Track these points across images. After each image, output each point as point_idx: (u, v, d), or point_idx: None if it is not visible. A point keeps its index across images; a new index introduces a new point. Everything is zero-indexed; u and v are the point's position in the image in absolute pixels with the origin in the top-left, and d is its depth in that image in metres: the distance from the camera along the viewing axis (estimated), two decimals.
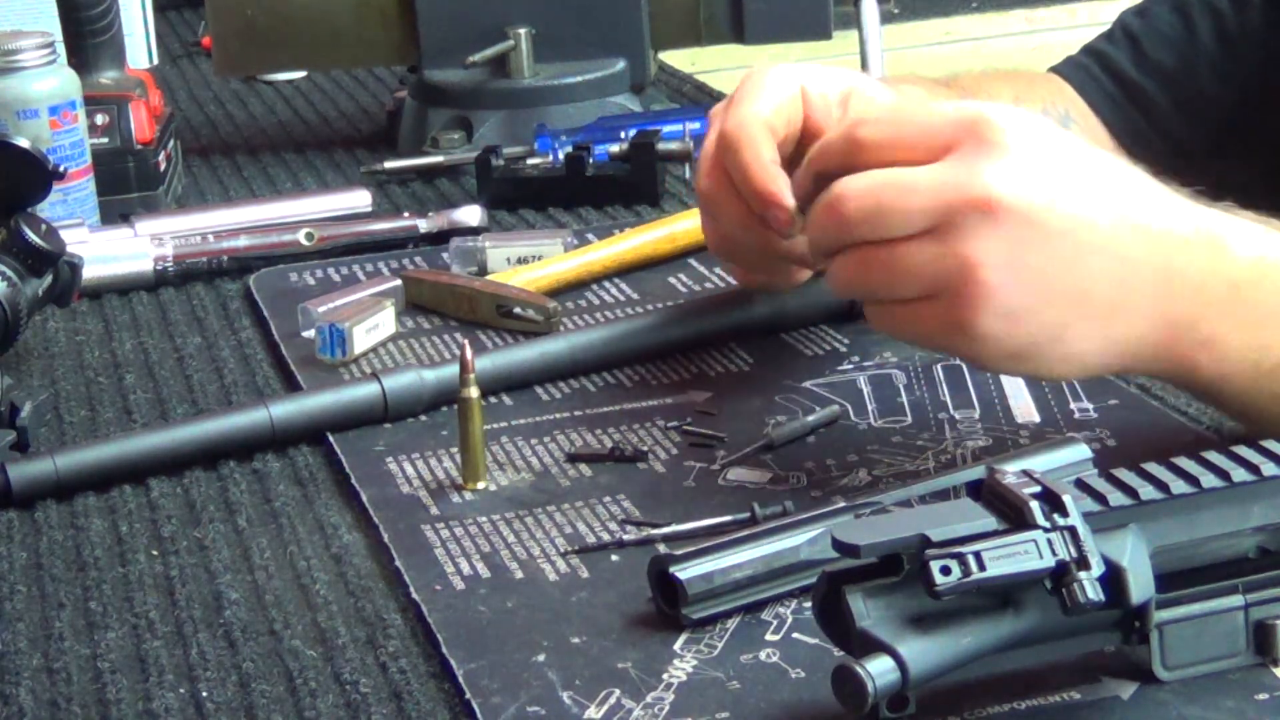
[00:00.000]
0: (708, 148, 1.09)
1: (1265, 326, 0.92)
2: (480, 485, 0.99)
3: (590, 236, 1.37)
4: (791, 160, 1.03)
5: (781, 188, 1.01)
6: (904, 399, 1.07)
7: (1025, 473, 0.73)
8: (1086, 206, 0.89)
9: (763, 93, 1.06)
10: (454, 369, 1.01)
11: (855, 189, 0.90)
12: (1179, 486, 0.74)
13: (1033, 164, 0.88)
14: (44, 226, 1.19)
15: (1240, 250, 0.92)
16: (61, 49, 1.49)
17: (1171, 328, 0.90)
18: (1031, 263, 0.87)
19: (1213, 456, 0.76)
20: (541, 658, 0.81)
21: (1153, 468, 0.75)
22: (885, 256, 0.89)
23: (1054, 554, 0.70)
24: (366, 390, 1.07)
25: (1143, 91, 1.42)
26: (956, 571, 0.69)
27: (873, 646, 0.70)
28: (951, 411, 1.05)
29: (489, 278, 1.28)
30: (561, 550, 0.91)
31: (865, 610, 0.71)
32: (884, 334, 0.96)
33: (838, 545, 0.71)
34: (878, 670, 0.69)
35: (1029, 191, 0.87)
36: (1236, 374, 0.92)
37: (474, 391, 0.98)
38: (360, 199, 1.48)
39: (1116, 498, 0.73)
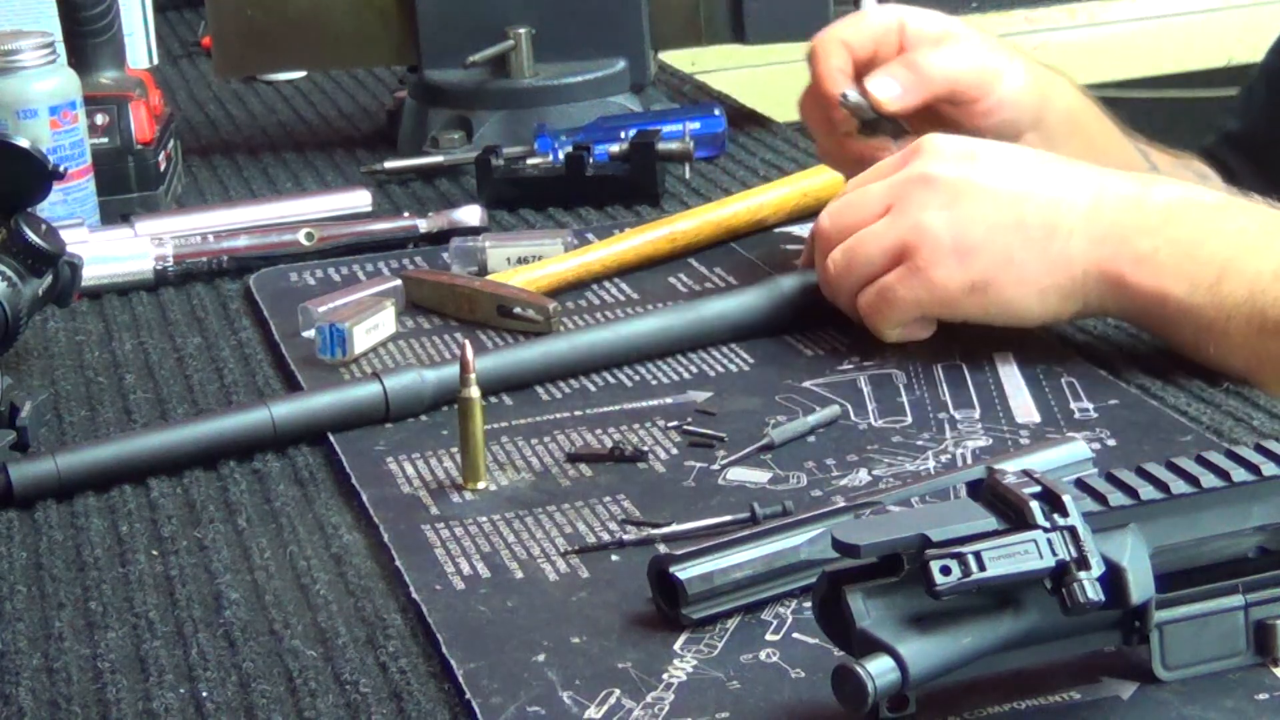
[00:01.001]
0: None
1: (1197, 245, 1.05)
2: (480, 485, 0.99)
3: (590, 236, 1.37)
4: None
5: (838, 86, 1.25)
6: (904, 399, 1.07)
7: (1025, 473, 0.73)
8: (1016, 159, 1.11)
9: (851, 20, 1.29)
10: (454, 369, 1.01)
11: (832, 206, 1.15)
12: (1179, 486, 0.74)
13: (962, 148, 1.11)
14: (44, 226, 1.19)
15: (1164, 187, 1.09)
16: (61, 49, 1.49)
17: (1104, 243, 1.06)
18: (970, 209, 1.08)
19: (1213, 456, 0.76)
20: (541, 658, 0.81)
21: (1153, 468, 0.75)
22: (852, 243, 1.11)
23: (1054, 554, 0.70)
24: (368, 390, 1.07)
25: None
26: (956, 571, 0.69)
27: (873, 646, 0.70)
28: (951, 411, 1.05)
29: (489, 278, 1.28)
30: (561, 550, 0.91)
31: (865, 610, 0.71)
32: (877, 326, 1.12)
33: (838, 545, 0.71)
34: (878, 670, 0.69)
35: (961, 162, 1.10)
36: (1174, 288, 1.05)
37: (474, 391, 0.98)
38: (360, 199, 1.48)
39: (1116, 498, 0.73)
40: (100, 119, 1.49)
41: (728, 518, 0.92)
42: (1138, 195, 1.07)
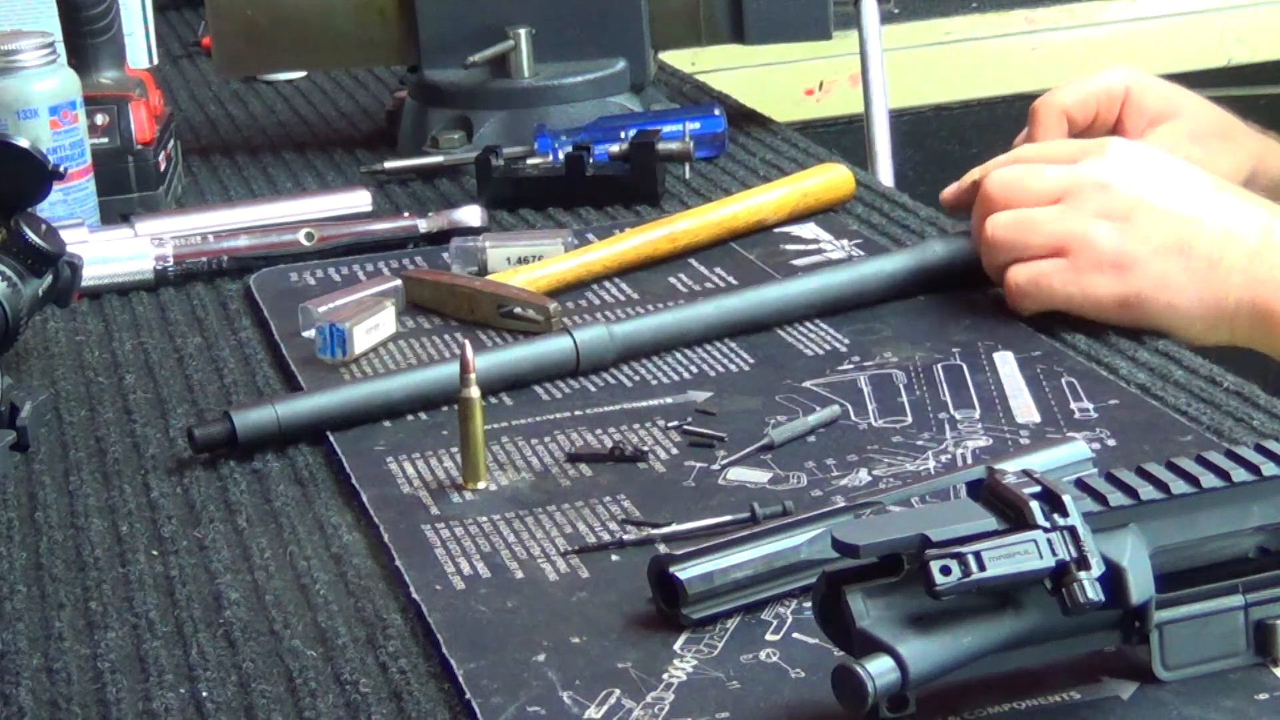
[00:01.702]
0: None
1: None
2: (480, 485, 0.99)
3: (590, 236, 1.37)
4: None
5: None
6: (904, 399, 1.07)
7: (1025, 473, 0.73)
8: (1192, 183, 1.13)
9: (1078, 83, 1.32)
10: (637, 324, 1.15)
11: (1008, 169, 1.17)
12: (1179, 486, 0.74)
13: (1143, 161, 1.14)
14: (44, 226, 1.19)
15: None
16: (61, 49, 1.49)
17: (1264, 283, 1.09)
18: (1138, 227, 1.11)
19: (1213, 456, 0.76)
20: (541, 658, 0.81)
21: (1153, 468, 0.75)
22: (1024, 217, 1.15)
23: (1054, 554, 0.70)
24: (559, 344, 1.12)
25: None
26: (956, 571, 0.69)
27: (873, 646, 0.70)
28: (951, 411, 1.05)
29: (489, 278, 1.28)
30: (561, 550, 0.91)
31: (865, 610, 0.71)
32: (1019, 303, 1.15)
33: (838, 545, 0.71)
34: (878, 670, 0.69)
35: (1140, 176, 1.12)
36: None
37: (474, 391, 0.98)
38: (360, 199, 1.48)
39: (1116, 498, 0.74)
40: (100, 119, 1.49)
41: (728, 518, 0.92)
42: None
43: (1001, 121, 2.81)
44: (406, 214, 1.42)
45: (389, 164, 1.57)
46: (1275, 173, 1.32)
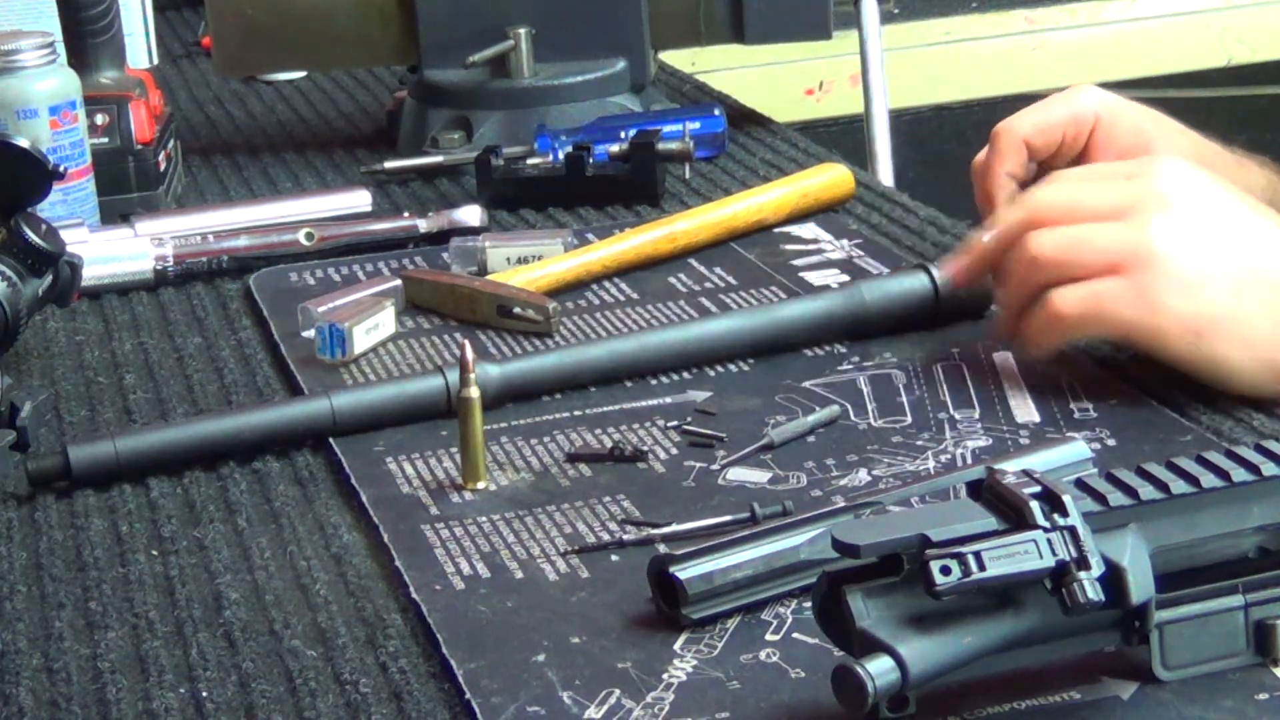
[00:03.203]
0: None
1: None
2: (480, 485, 0.99)
3: (590, 236, 1.37)
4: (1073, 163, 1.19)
5: (995, 194, 1.18)
6: (904, 399, 1.07)
7: (1025, 473, 0.73)
8: (1253, 203, 1.04)
9: (1043, 107, 1.21)
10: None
11: (1055, 185, 1.07)
12: (1179, 486, 0.74)
13: (1198, 184, 1.03)
14: (44, 226, 1.19)
15: None
16: (61, 49, 1.49)
17: None
18: (1206, 240, 1.01)
19: (1213, 456, 0.76)
20: (541, 658, 0.81)
21: (1153, 468, 0.75)
22: (1076, 233, 1.03)
23: (1054, 554, 0.70)
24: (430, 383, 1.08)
25: None
26: (956, 571, 0.69)
27: (873, 646, 0.70)
28: (951, 411, 1.05)
29: (489, 278, 1.28)
30: (561, 550, 0.91)
31: (865, 610, 0.71)
32: (1059, 327, 1.03)
33: (838, 545, 0.71)
34: (878, 670, 0.69)
35: (1201, 191, 1.03)
36: None
37: (474, 391, 0.98)
38: (360, 199, 1.48)
39: (1116, 498, 0.74)
40: (100, 119, 1.49)
41: (728, 518, 0.92)
42: None
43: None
44: (406, 214, 1.42)
45: (389, 164, 1.57)
46: (1266, 201, 1.19)
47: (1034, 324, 1.05)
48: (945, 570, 0.69)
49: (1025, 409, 1.04)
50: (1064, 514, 0.71)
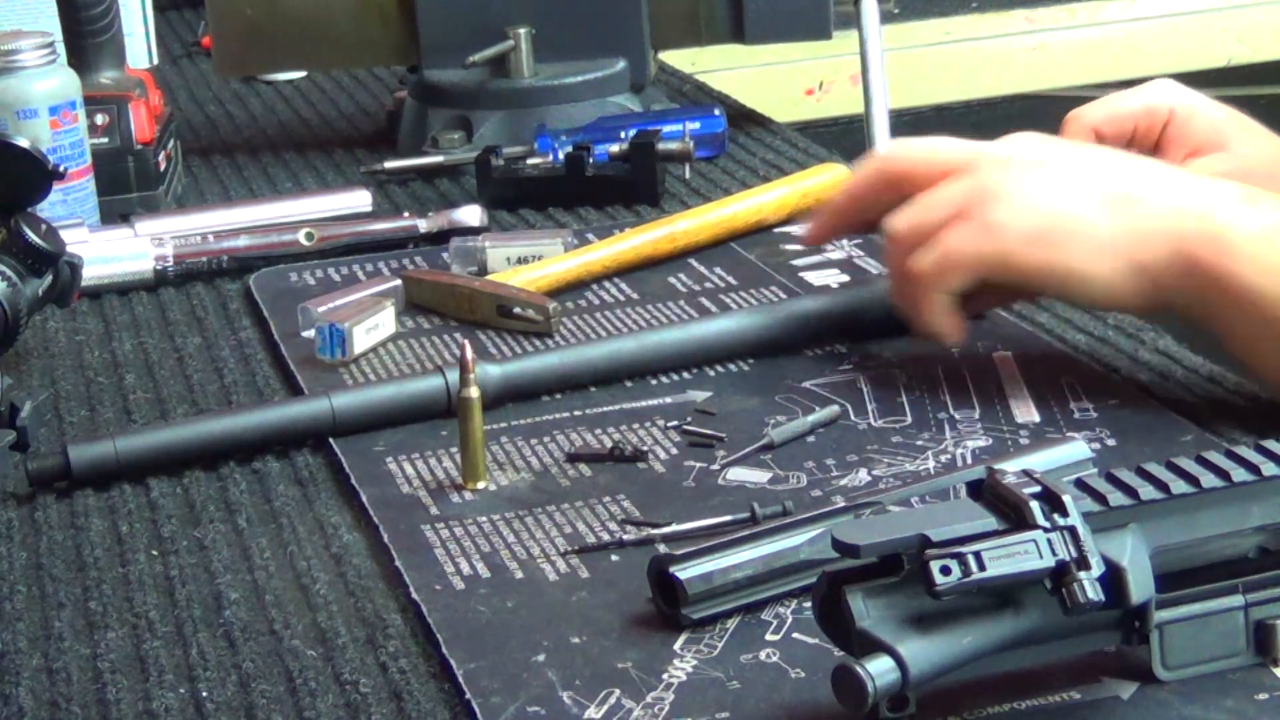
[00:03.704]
0: None
1: (1275, 229, 0.98)
2: (480, 485, 0.99)
3: (590, 236, 1.37)
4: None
5: None
6: (904, 399, 1.07)
7: (1025, 473, 0.73)
8: (1098, 150, 1.07)
9: (1116, 100, 1.21)
10: None
11: (899, 153, 1.11)
12: (1179, 486, 0.74)
13: (1052, 140, 1.06)
14: (44, 226, 1.19)
15: (1245, 191, 1.01)
16: (61, 49, 1.49)
17: (1183, 216, 0.99)
18: (1044, 168, 1.03)
19: (1213, 456, 0.76)
20: (541, 658, 0.81)
21: (1153, 468, 0.75)
22: (921, 200, 1.06)
23: (1054, 554, 0.70)
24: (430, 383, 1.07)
25: None
26: (956, 571, 0.69)
27: (873, 646, 0.70)
28: (951, 411, 1.05)
29: (489, 278, 1.28)
30: (561, 550, 0.91)
31: (865, 610, 0.71)
32: (926, 288, 1.05)
33: (838, 545, 0.71)
34: (878, 670, 0.69)
35: (1045, 142, 1.05)
36: (1252, 278, 0.97)
37: (474, 391, 0.98)
38: (360, 199, 1.48)
39: (1116, 498, 0.73)
40: (100, 119, 1.48)
41: (728, 518, 0.92)
42: (1221, 186, 1.01)
43: (1001, 121, 2.81)
44: (406, 214, 1.42)
45: (389, 164, 1.57)
46: None
47: (907, 296, 1.07)
48: (945, 570, 0.69)
49: (1025, 409, 1.04)
50: (1064, 514, 0.71)
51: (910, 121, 2.74)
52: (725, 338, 1.14)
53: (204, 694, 0.81)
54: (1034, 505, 0.71)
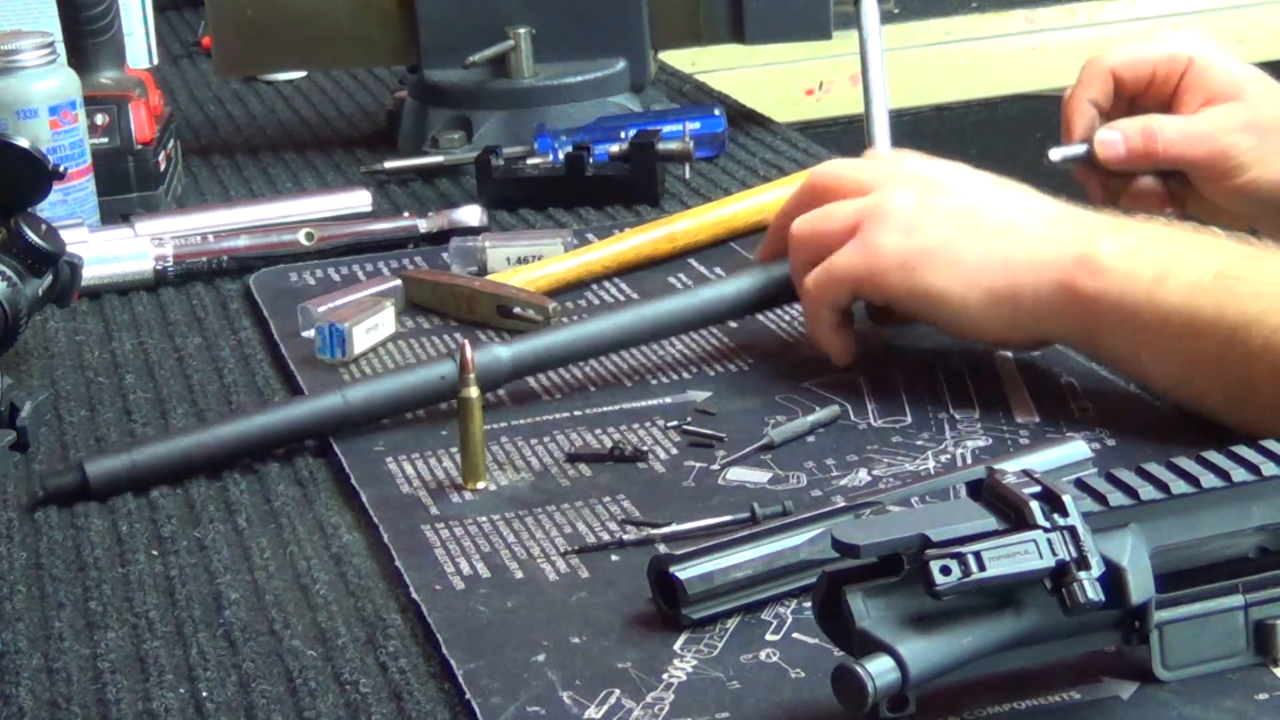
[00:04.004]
0: None
1: (1139, 248, 1.00)
2: (480, 485, 0.99)
3: (590, 236, 1.37)
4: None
5: (1074, 119, 1.24)
6: (904, 399, 1.07)
7: (1025, 473, 0.73)
8: (992, 182, 1.08)
9: (1136, 45, 1.24)
10: None
11: (827, 169, 1.14)
12: (1179, 486, 0.74)
13: (942, 165, 1.10)
14: (44, 226, 1.19)
15: (1116, 221, 1.04)
16: (61, 49, 1.49)
17: (1055, 244, 1.01)
18: (935, 200, 1.06)
19: (1213, 456, 0.76)
20: (541, 658, 0.81)
21: (1153, 468, 0.75)
22: (823, 210, 1.09)
23: (1054, 554, 0.70)
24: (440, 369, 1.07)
25: None
26: (956, 571, 0.69)
27: (873, 646, 0.70)
28: (951, 411, 1.05)
29: (489, 278, 1.28)
30: (561, 550, 0.91)
31: (865, 610, 0.71)
32: (814, 306, 1.09)
33: (838, 545, 0.71)
34: (878, 670, 0.69)
35: (943, 165, 1.10)
36: (1111, 287, 0.99)
37: (474, 391, 0.98)
38: (360, 199, 1.48)
39: (1116, 498, 0.73)
40: (100, 119, 1.48)
41: (728, 518, 0.92)
42: (1096, 221, 1.04)
43: (1001, 121, 2.81)
44: (406, 214, 1.42)
45: (389, 164, 1.57)
46: None
47: (804, 306, 1.11)
48: (945, 570, 0.69)
49: (1025, 409, 1.04)
50: (1064, 514, 0.71)
51: (910, 121, 2.74)
52: (729, 298, 1.14)
53: (204, 694, 0.81)
54: (1034, 505, 0.71)
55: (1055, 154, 1.23)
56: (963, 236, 1.04)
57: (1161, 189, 1.23)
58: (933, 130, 2.81)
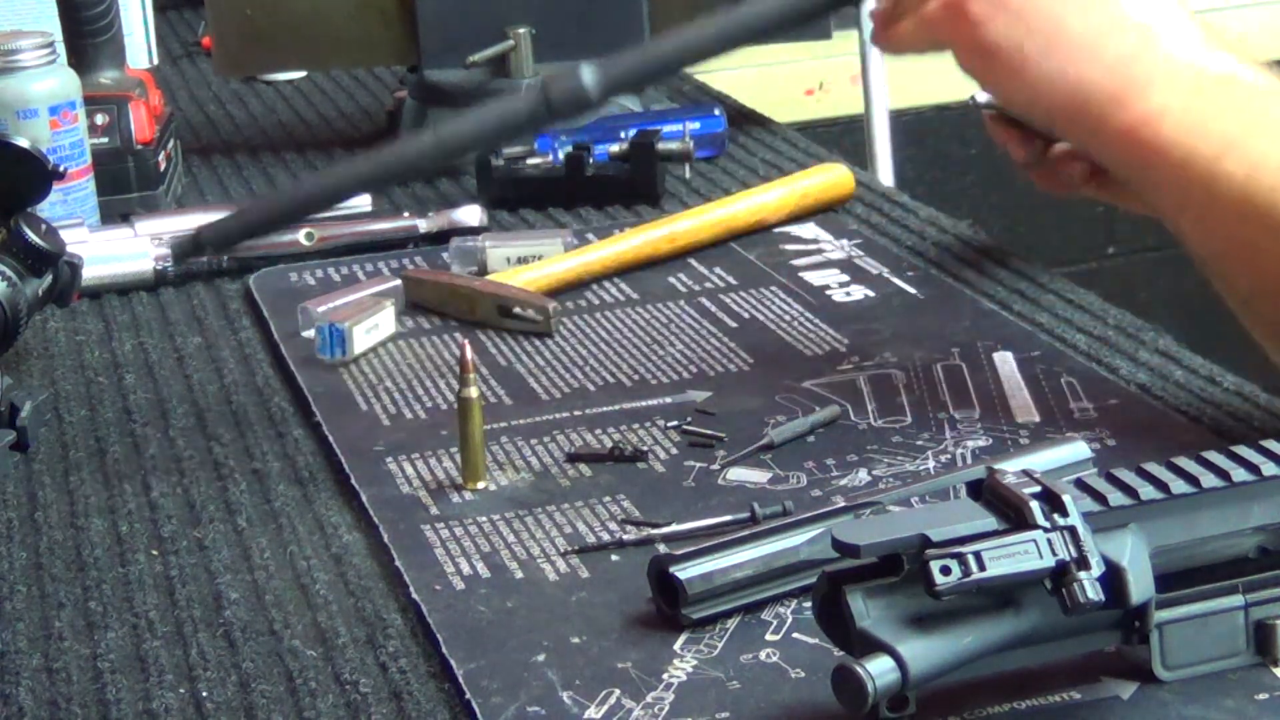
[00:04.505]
0: None
1: (1210, 119, 0.95)
2: (480, 485, 0.99)
3: (590, 236, 1.37)
4: None
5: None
6: (904, 399, 1.07)
7: (1025, 473, 0.73)
8: None
9: None
10: None
11: None
12: (1179, 486, 0.74)
13: None
14: (44, 226, 1.19)
15: (1224, 58, 0.98)
16: (61, 49, 1.49)
17: (1118, 73, 0.97)
18: None
19: (1213, 456, 0.76)
20: (541, 658, 0.81)
21: (1153, 468, 0.75)
22: None
23: (1054, 554, 0.70)
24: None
25: None
26: (956, 571, 0.69)
27: (873, 646, 0.70)
28: (951, 411, 1.05)
29: (489, 278, 1.28)
30: (561, 550, 0.91)
31: (865, 610, 0.71)
32: (907, 46, 1.04)
33: (838, 545, 0.71)
34: (878, 670, 0.69)
35: None
36: (1172, 152, 0.95)
37: (474, 391, 0.98)
38: (360, 199, 1.48)
39: (1116, 498, 0.73)
40: (100, 119, 1.48)
41: (728, 518, 0.92)
42: (1192, 56, 0.98)
43: None
44: (406, 214, 1.42)
45: None
46: None
47: (895, 35, 1.05)
48: (945, 570, 0.69)
49: (1025, 409, 1.04)
50: (1064, 514, 0.71)
51: (910, 121, 2.74)
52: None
53: (204, 694, 0.81)
54: (1034, 505, 0.71)
55: (981, 95, 1.14)
56: (1055, 36, 0.98)
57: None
58: (933, 130, 2.81)
